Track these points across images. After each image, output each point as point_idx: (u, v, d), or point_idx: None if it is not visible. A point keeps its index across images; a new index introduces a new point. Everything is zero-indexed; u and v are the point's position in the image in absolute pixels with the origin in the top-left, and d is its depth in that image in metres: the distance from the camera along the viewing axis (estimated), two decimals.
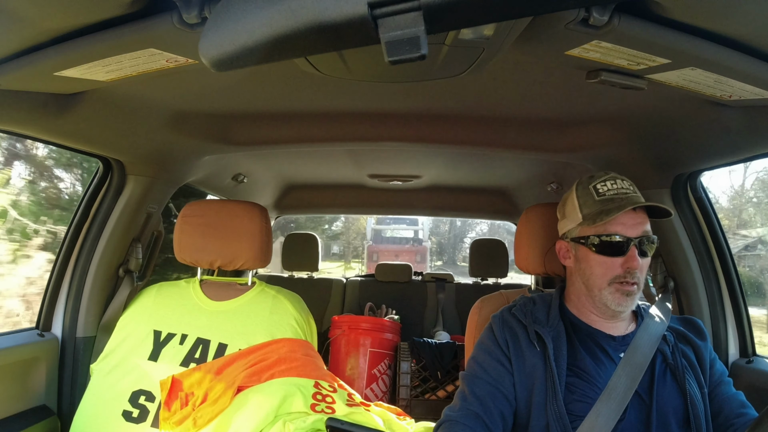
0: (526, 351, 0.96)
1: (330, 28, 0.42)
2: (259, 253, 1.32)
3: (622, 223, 0.94)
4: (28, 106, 0.94)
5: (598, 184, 0.99)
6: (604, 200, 0.96)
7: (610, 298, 0.94)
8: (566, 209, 1.04)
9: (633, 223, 0.94)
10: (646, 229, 0.95)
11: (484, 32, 0.70)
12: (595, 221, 0.94)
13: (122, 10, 0.66)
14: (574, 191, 1.02)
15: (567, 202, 1.04)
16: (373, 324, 2.37)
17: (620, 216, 0.93)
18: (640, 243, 0.94)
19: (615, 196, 0.96)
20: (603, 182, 0.98)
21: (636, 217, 0.95)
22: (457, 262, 24.52)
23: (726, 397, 0.95)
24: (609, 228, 0.94)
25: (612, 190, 0.97)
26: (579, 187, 1.02)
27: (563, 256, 1.05)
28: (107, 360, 1.23)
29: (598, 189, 0.98)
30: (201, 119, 1.31)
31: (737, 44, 0.69)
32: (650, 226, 0.97)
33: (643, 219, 0.96)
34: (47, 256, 3.69)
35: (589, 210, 0.97)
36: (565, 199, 1.06)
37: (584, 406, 0.90)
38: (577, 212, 1.00)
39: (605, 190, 0.97)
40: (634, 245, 0.93)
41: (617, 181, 0.98)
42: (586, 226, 0.97)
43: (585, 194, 0.99)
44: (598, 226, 0.95)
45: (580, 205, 1.00)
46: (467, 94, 1.13)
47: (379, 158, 1.98)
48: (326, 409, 1.08)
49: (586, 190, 0.99)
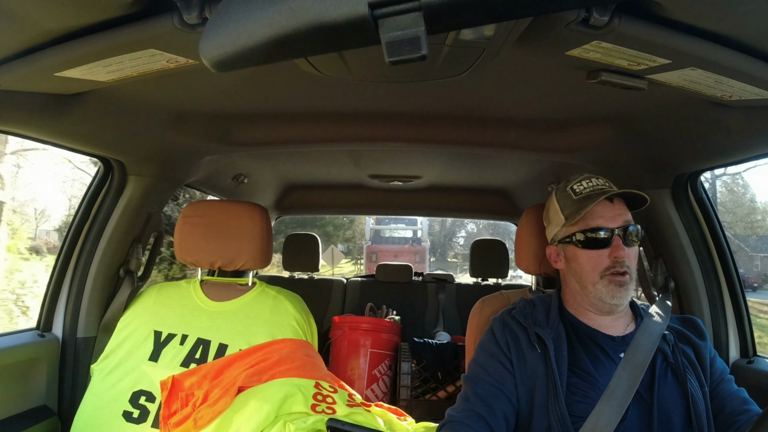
0: (527, 352, 0.96)
1: (330, 29, 0.42)
2: (259, 253, 1.32)
3: (602, 216, 0.97)
4: (29, 106, 0.95)
5: (574, 185, 1.03)
6: (581, 198, 1.00)
7: (604, 291, 0.96)
8: (550, 215, 1.08)
9: (612, 214, 0.97)
10: (627, 219, 0.98)
11: (484, 32, 0.70)
12: (576, 218, 0.98)
13: (123, 11, 0.66)
14: (554, 196, 1.07)
15: (549, 209, 1.08)
16: (374, 324, 2.37)
17: (599, 209, 0.97)
18: (623, 232, 0.97)
19: (591, 193, 1.00)
20: (579, 182, 1.03)
21: (615, 208, 0.98)
22: (447, 258, 25.20)
23: (728, 395, 0.95)
24: (590, 222, 0.97)
25: (588, 188, 1.01)
26: (557, 192, 1.06)
27: (554, 261, 1.07)
28: (108, 360, 1.23)
29: (575, 189, 1.02)
30: (202, 119, 1.31)
31: (738, 44, 0.69)
32: (636, 222, 1.00)
33: (622, 210, 0.99)
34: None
35: (569, 210, 1.01)
36: (548, 207, 1.10)
37: (586, 407, 0.90)
38: (559, 215, 1.03)
39: (581, 188, 1.01)
40: (617, 235, 0.96)
41: (592, 180, 1.02)
42: (569, 225, 1.00)
43: (564, 197, 1.04)
44: (579, 223, 0.98)
45: (560, 207, 1.03)
46: (467, 94, 1.13)
47: (379, 159, 1.98)
48: (327, 409, 1.08)
49: (564, 193, 1.04)
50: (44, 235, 13.58)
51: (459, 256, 25.01)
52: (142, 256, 1.50)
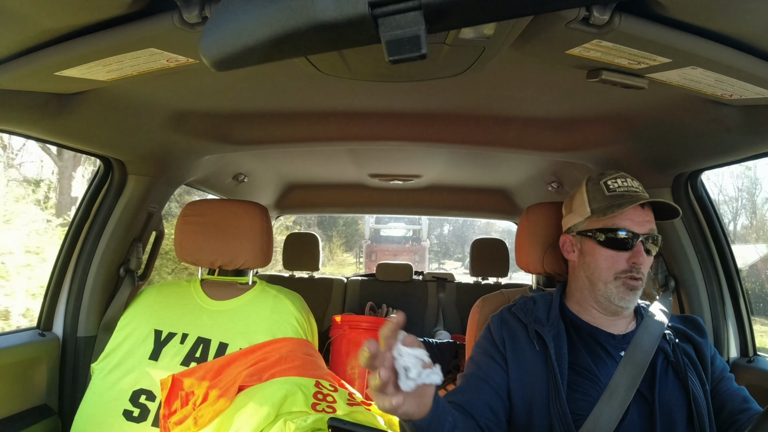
0: (526, 350, 0.96)
1: (330, 28, 0.42)
2: (259, 252, 1.32)
3: (630, 219, 0.96)
4: (29, 106, 0.94)
5: (608, 181, 1.01)
6: (614, 195, 0.98)
7: (615, 292, 0.95)
8: (574, 204, 1.06)
9: (641, 220, 0.96)
10: (652, 228, 0.97)
11: (484, 31, 0.70)
12: (605, 214, 0.96)
13: (123, 10, 0.66)
14: (584, 186, 1.04)
15: (575, 197, 1.06)
16: (374, 323, 2.36)
17: (629, 212, 0.96)
18: (646, 240, 0.96)
19: (625, 193, 0.98)
20: (614, 179, 1.01)
21: (644, 214, 0.97)
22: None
23: (729, 393, 0.95)
24: (617, 222, 0.96)
25: (622, 187, 0.99)
26: (589, 182, 1.04)
27: (567, 250, 1.06)
28: (108, 359, 1.23)
29: (608, 185, 1.00)
30: (201, 119, 1.31)
31: (738, 43, 0.69)
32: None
33: (650, 217, 0.98)
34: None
35: (598, 204, 0.99)
36: (573, 195, 1.07)
37: (587, 405, 0.90)
38: (586, 206, 1.01)
39: (616, 186, 0.99)
40: (640, 241, 0.95)
41: (627, 180, 1.01)
42: (595, 219, 0.99)
43: (595, 189, 1.01)
44: (606, 220, 0.97)
45: (589, 199, 1.01)
46: (468, 93, 1.13)
47: (379, 158, 1.97)
48: (327, 408, 1.08)
49: (597, 186, 1.01)
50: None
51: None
52: (142, 255, 1.50)
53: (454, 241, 22.79)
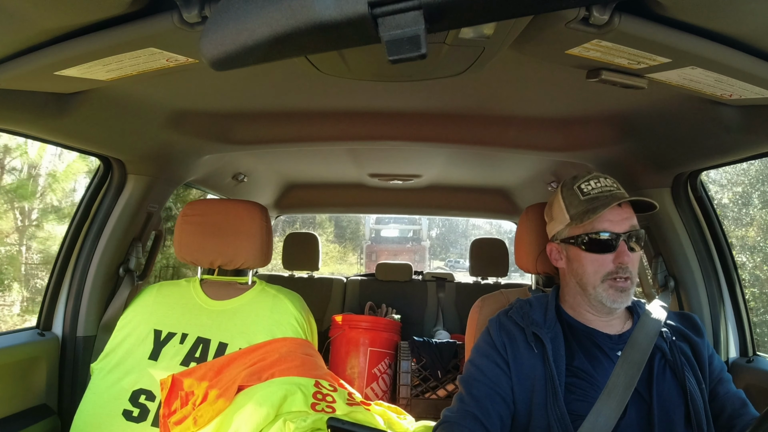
0: (525, 353, 0.96)
1: (330, 28, 0.42)
2: (259, 252, 1.32)
3: (609, 220, 0.95)
4: (29, 105, 0.94)
5: (582, 184, 1.00)
6: (589, 199, 0.98)
7: (604, 294, 0.95)
8: (553, 211, 1.06)
9: (620, 219, 0.96)
10: (633, 224, 0.97)
11: (484, 31, 0.70)
12: (583, 220, 0.96)
13: (122, 10, 0.66)
14: (560, 193, 1.04)
15: (554, 205, 1.06)
16: (374, 323, 2.37)
17: (607, 213, 0.95)
18: (628, 238, 0.95)
19: (600, 194, 0.98)
20: (587, 182, 1.00)
21: (622, 212, 0.97)
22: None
23: (727, 397, 0.95)
24: (597, 226, 0.96)
25: (596, 188, 0.99)
26: (564, 188, 1.03)
27: (555, 258, 1.06)
28: (107, 359, 1.23)
29: (582, 189, 1.00)
30: (201, 118, 1.31)
31: (738, 43, 0.69)
32: (638, 221, 0.98)
33: (629, 214, 0.98)
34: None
35: (575, 210, 0.99)
36: (552, 202, 1.07)
37: (585, 406, 0.90)
38: (564, 213, 1.01)
39: (590, 189, 0.99)
40: (623, 240, 0.95)
41: (600, 180, 1.00)
42: (575, 225, 0.99)
43: (570, 195, 1.01)
44: (586, 225, 0.97)
45: (566, 206, 1.01)
46: (467, 93, 1.13)
47: (379, 157, 1.98)
48: (326, 408, 1.08)
49: (571, 191, 1.01)
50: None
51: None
52: (141, 255, 1.50)
53: (438, 244, 23.33)
